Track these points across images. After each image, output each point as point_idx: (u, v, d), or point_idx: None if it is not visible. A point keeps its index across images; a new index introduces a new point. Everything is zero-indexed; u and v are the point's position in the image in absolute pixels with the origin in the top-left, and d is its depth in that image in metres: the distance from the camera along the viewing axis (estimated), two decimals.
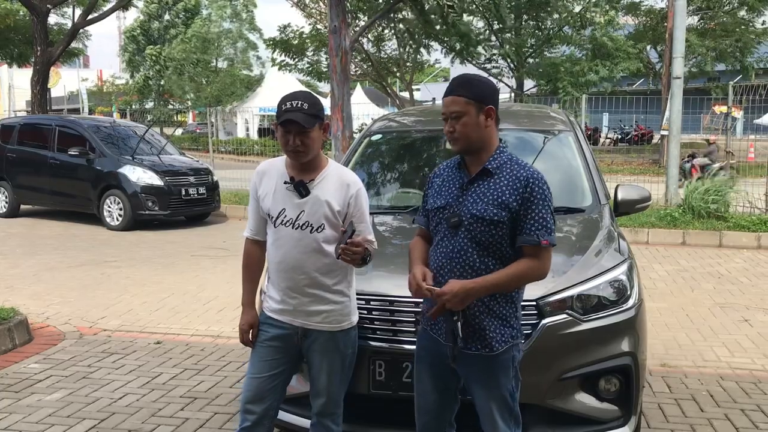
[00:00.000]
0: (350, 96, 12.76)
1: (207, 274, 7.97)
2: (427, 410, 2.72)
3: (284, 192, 2.81)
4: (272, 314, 2.88)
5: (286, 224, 2.80)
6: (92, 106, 44.81)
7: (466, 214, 2.50)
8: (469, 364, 2.56)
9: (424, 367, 2.69)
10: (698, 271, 8.17)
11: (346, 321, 2.87)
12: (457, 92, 2.51)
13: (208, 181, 12.21)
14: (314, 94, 2.86)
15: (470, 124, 2.49)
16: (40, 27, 18.14)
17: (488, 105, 2.51)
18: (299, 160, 2.77)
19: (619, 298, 3.21)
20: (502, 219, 2.45)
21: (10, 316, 5.40)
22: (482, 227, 2.47)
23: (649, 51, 29.24)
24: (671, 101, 12.21)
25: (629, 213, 4.35)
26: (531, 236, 2.44)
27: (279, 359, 2.87)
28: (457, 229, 2.51)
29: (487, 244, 2.48)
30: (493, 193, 2.49)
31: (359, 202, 2.82)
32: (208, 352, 5.27)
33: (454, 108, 2.50)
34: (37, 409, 4.18)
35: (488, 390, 2.55)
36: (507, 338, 2.52)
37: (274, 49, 23.95)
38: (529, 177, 2.47)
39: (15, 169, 12.60)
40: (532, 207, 2.44)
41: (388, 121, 5.21)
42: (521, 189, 2.46)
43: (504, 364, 2.53)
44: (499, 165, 2.53)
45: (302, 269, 2.79)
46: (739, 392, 4.51)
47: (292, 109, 2.70)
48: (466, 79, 2.57)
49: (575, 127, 4.71)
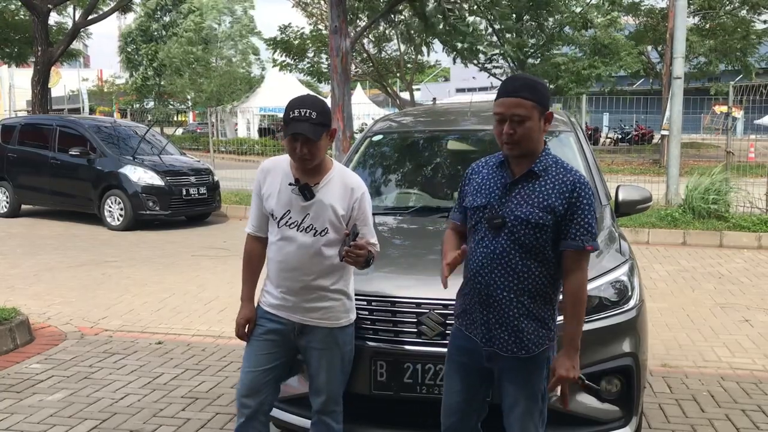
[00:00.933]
0: (351, 96, 12.77)
1: (208, 274, 7.98)
2: (453, 411, 2.68)
3: (289, 194, 2.82)
4: (270, 309, 2.91)
5: (291, 226, 2.81)
6: (93, 105, 44.82)
7: (510, 215, 2.46)
8: (503, 363, 2.54)
9: (455, 367, 2.67)
10: (699, 271, 8.18)
11: (344, 318, 2.90)
12: (523, 95, 2.43)
13: (209, 181, 12.21)
14: (322, 100, 2.85)
15: (533, 128, 2.44)
16: (41, 27, 18.14)
17: (548, 110, 2.50)
18: (306, 167, 2.78)
19: (621, 299, 3.22)
20: (548, 222, 2.42)
21: (12, 316, 5.40)
22: (526, 230, 2.44)
23: (650, 51, 29.25)
24: (672, 101, 12.20)
25: (630, 214, 4.35)
26: (576, 241, 2.42)
27: (275, 353, 2.90)
28: (500, 231, 2.47)
29: (530, 246, 2.45)
30: (538, 196, 2.45)
31: (363, 206, 2.84)
32: (209, 352, 5.27)
33: (519, 111, 2.42)
34: (39, 409, 4.19)
35: (520, 389, 2.54)
36: (544, 340, 2.51)
37: (274, 49, 23.95)
38: (576, 181, 2.45)
39: (16, 169, 12.60)
40: (578, 212, 2.42)
41: (389, 122, 5.22)
42: (567, 193, 2.43)
43: (539, 365, 2.53)
44: (545, 167, 2.49)
45: (303, 271, 2.81)
46: (740, 392, 4.52)
47: (300, 119, 2.68)
48: (530, 81, 2.50)
49: (576, 128, 4.72)
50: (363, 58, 24.59)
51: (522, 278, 2.46)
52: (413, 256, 3.63)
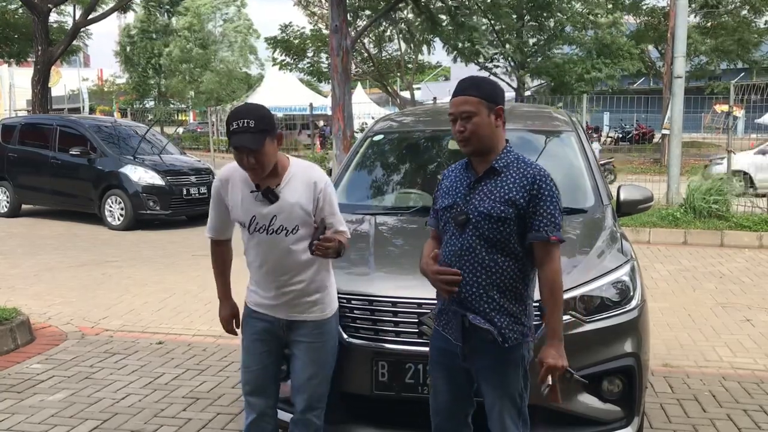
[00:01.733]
0: (351, 95, 12.76)
1: (208, 274, 7.88)
2: (439, 410, 2.73)
3: (251, 200, 2.82)
4: (256, 308, 2.96)
5: (260, 230, 2.83)
6: (93, 105, 44.75)
7: (474, 211, 2.52)
8: (480, 360, 2.56)
9: (438, 368, 2.70)
10: (700, 271, 8.17)
11: (327, 310, 2.94)
12: (468, 92, 2.53)
13: (210, 181, 12.18)
14: (261, 106, 2.83)
15: (481, 123, 2.51)
16: (41, 27, 18.13)
17: (498, 105, 2.54)
18: (259, 177, 2.76)
19: (622, 299, 3.22)
20: (510, 216, 2.47)
21: (12, 316, 5.40)
22: (490, 224, 2.49)
23: (651, 50, 29.23)
24: (673, 100, 12.19)
25: (632, 213, 4.35)
26: (540, 232, 2.46)
27: (269, 351, 2.95)
28: (465, 227, 2.53)
29: (495, 240, 2.50)
30: (500, 190, 2.51)
31: (327, 197, 2.85)
32: (210, 352, 5.27)
33: (466, 108, 2.51)
34: (40, 409, 4.19)
35: (497, 388, 2.56)
36: (518, 335, 2.53)
37: (274, 48, 23.94)
38: (536, 174, 2.50)
39: (16, 168, 12.59)
40: (540, 204, 2.46)
41: (390, 122, 5.21)
42: (528, 186, 2.48)
43: (514, 361, 2.54)
44: (507, 164, 2.55)
45: (281, 270, 2.85)
46: (742, 392, 4.51)
47: (239, 130, 2.67)
48: (476, 80, 2.60)
49: (577, 128, 4.71)
50: (363, 58, 24.58)
51: (490, 272, 2.50)
52: (414, 257, 3.59)
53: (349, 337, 3.12)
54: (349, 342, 3.11)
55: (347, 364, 3.09)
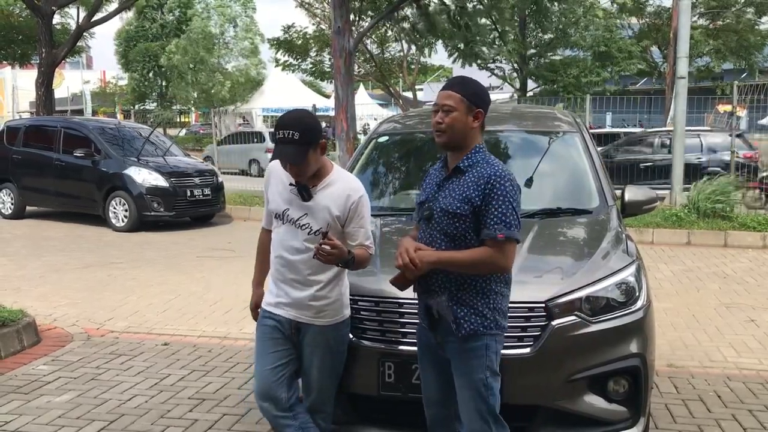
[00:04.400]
0: (354, 97, 12.77)
1: (212, 275, 7.99)
2: (432, 402, 2.87)
3: (288, 193, 2.94)
4: (269, 308, 3.02)
5: (289, 222, 2.93)
6: (95, 107, 44.79)
7: (437, 208, 2.70)
8: (448, 348, 2.70)
9: (424, 360, 2.86)
10: (704, 271, 8.17)
11: (338, 316, 2.98)
12: (454, 88, 2.69)
13: (213, 183, 12.24)
14: (307, 115, 2.92)
15: (458, 120, 2.66)
16: (45, 29, 18.16)
17: (479, 108, 2.69)
18: (301, 181, 2.88)
19: (628, 300, 3.22)
20: (465, 213, 2.62)
21: (18, 317, 5.41)
22: (448, 219, 2.66)
23: (653, 51, 29.19)
24: (676, 101, 12.18)
25: (636, 214, 4.36)
26: (490, 230, 2.58)
27: (281, 351, 2.98)
28: (430, 222, 2.72)
29: (453, 235, 2.66)
30: (461, 188, 2.66)
31: (360, 209, 2.93)
32: (215, 353, 5.28)
33: (447, 102, 2.67)
34: (47, 410, 4.20)
35: (460, 377, 2.69)
36: (477, 326, 2.64)
37: (277, 49, 23.95)
38: (492, 174, 2.61)
39: (20, 170, 12.62)
40: (492, 203, 2.59)
41: (394, 123, 5.22)
42: (483, 185, 2.61)
43: (475, 351, 2.64)
44: (471, 164, 2.69)
45: (297, 266, 2.91)
46: (747, 393, 4.51)
47: (284, 141, 2.78)
48: (465, 79, 2.76)
49: (582, 128, 4.71)
50: (366, 58, 24.58)
51: None
52: None
53: (356, 337, 3.13)
54: (356, 343, 3.12)
55: (354, 365, 3.11)
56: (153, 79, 40.29)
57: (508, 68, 25.66)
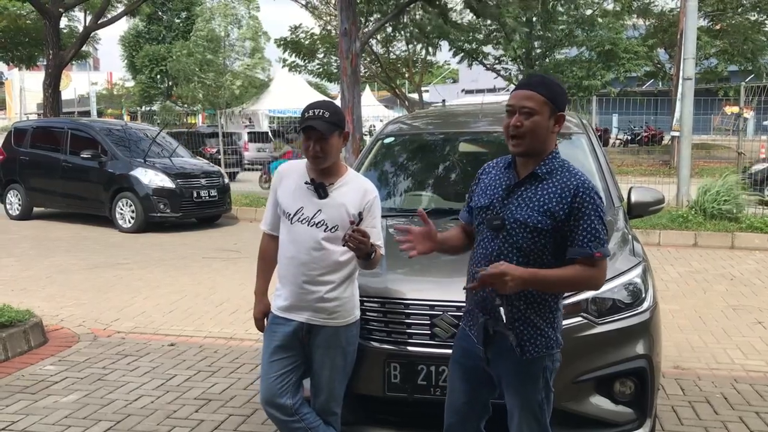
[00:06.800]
0: (360, 98, 12.79)
1: (219, 276, 8.00)
2: (454, 411, 2.68)
3: (304, 191, 2.95)
4: (279, 312, 3.00)
5: (302, 221, 2.92)
6: (101, 108, 44.95)
7: (509, 218, 2.42)
8: (502, 366, 2.51)
9: (458, 368, 2.65)
10: (710, 273, 8.14)
11: (350, 316, 2.99)
12: (537, 89, 2.40)
13: (219, 184, 12.26)
14: (336, 104, 3.02)
15: (540, 125, 2.39)
16: (52, 31, 18.26)
17: (561, 111, 2.44)
18: (318, 166, 2.91)
19: (634, 301, 3.22)
20: (546, 227, 2.37)
21: (26, 318, 5.44)
22: (524, 233, 2.39)
23: (659, 52, 29.13)
24: (682, 102, 12.16)
25: (642, 216, 4.35)
26: (583, 248, 2.34)
27: (288, 357, 2.97)
28: (498, 232, 2.44)
29: (528, 251, 2.40)
30: (540, 199, 2.40)
31: (373, 209, 2.97)
32: (221, 354, 5.29)
33: (529, 103, 2.38)
34: (54, 410, 4.22)
35: (515, 397, 2.51)
36: (541, 348, 2.45)
37: (284, 49, 23.97)
38: (579, 186, 2.37)
39: (28, 171, 12.67)
40: (582, 218, 2.35)
41: (400, 124, 5.23)
42: (570, 198, 2.36)
43: (534, 373, 2.47)
44: (550, 170, 2.43)
45: (311, 265, 2.91)
46: (754, 395, 4.50)
47: (314, 117, 2.85)
48: (548, 80, 2.48)
49: (588, 130, 4.71)
50: (371, 59, 24.57)
51: None
52: (426, 258, 3.59)
53: (362, 338, 3.13)
54: (362, 344, 3.12)
55: (360, 366, 3.11)
56: (160, 80, 40.39)
57: (514, 69, 25.67)
